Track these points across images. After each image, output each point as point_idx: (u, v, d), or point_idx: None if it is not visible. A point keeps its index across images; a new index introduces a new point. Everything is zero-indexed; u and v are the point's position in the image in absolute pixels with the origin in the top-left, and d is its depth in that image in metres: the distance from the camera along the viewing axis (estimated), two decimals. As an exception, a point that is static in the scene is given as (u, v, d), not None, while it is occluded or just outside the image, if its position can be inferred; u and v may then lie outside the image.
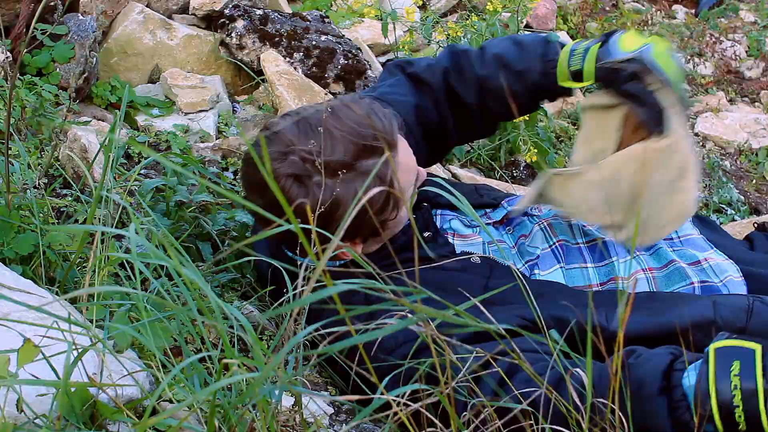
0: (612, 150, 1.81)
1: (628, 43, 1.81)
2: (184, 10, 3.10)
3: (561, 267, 1.83)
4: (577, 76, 1.86)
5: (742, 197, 3.25)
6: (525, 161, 2.94)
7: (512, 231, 1.91)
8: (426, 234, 1.80)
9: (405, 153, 1.71)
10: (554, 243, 1.86)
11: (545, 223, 1.90)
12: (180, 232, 1.99)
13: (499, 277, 1.69)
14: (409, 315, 1.16)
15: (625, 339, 1.47)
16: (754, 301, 1.66)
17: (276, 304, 1.57)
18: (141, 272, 1.26)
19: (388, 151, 1.63)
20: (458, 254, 1.76)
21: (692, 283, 1.79)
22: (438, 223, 1.87)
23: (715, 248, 1.90)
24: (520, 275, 1.52)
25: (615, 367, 1.09)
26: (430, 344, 1.06)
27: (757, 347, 1.30)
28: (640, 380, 1.36)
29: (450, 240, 1.83)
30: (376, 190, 1.14)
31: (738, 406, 1.27)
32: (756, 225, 2.46)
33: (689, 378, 1.33)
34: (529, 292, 1.35)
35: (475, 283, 1.66)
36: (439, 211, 1.90)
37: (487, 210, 1.97)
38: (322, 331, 1.20)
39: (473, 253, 1.77)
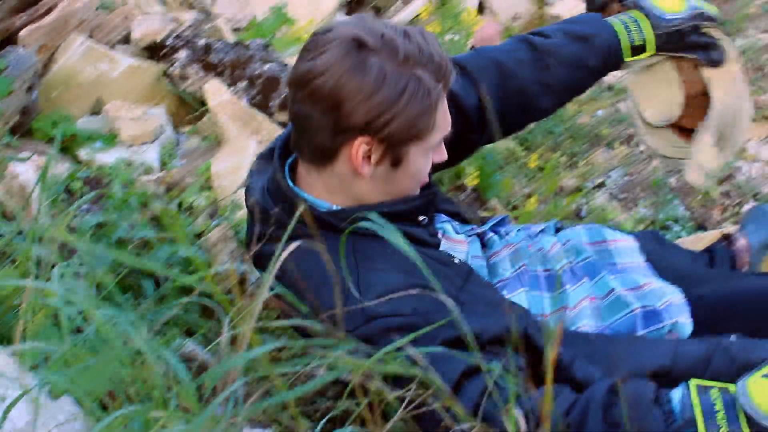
0: (680, 95, 2.05)
1: (668, 5, 1.99)
2: (127, 40, 3.08)
3: (525, 291, 1.85)
4: (637, 49, 1.99)
5: (688, 213, 3.28)
6: (471, 185, 2.95)
7: (485, 249, 1.92)
8: (421, 218, 1.79)
9: (446, 106, 1.68)
10: (519, 267, 1.88)
11: (513, 248, 1.91)
12: (122, 268, 1.97)
13: (474, 284, 1.69)
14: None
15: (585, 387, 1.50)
16: (714, 351, 1.66)
17: (214, 343, 1.55)
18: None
19: (444, 83, 1.61)
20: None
21: (634, 310, 1.80)
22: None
23: (658, 276, 1.92)
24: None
25: (546, 407, 1.09)
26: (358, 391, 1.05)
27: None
28: (637, 393, 1.42)
29: (439, 236, 1.83)
30: None
31: (719, 411, 1.36)
32: (723, 235, 2.48)
33: (675, 393, 1.42)
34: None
35: (452, 282, 1.65)
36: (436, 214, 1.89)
37: (474, 226, 1.98)
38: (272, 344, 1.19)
39: (455, 257, 1.78)
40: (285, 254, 1.20)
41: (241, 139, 2.60)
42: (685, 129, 2.12)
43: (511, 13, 4.76)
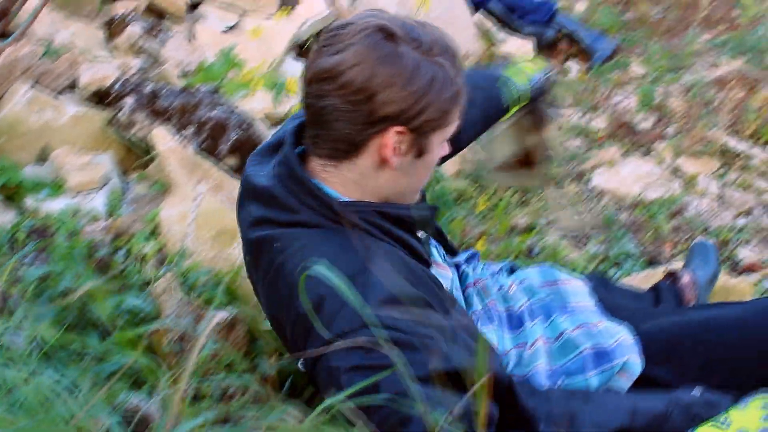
0: (522, 143, 2.43)
1: (531, 69, 2.30)
2: (73, 87, 3.05)
3: (494, 327, 1.87)
4: (516, 100, 2.27)
5: (639, 249, 3.30)
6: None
7: (460, 281, 1.93)
8: (421, 234, 1.78)
9: None
10: (487, 304, 1.90)
11: (481, 284, 1.93)
12: (66, 320, 1.94)
13: (458, 312, 1.69)
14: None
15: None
16: (674, 408, 1.66)
17: (154, 400, 1.52)
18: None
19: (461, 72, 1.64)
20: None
21: (584, 350, 1.81)
22: None
23: (608, 317, 1.93)
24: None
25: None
26: None
27: None
28: None
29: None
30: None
31: None
32: (666, 272, 2.51)
33: None
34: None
35: (441, 306, 1.64)
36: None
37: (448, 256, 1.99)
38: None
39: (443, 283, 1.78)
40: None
41: (189, 185, 2.58)
42: (520, 163, 2.51)
43: (462, 52, 4.79)
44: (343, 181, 1.63)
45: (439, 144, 1.65)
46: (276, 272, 1.58)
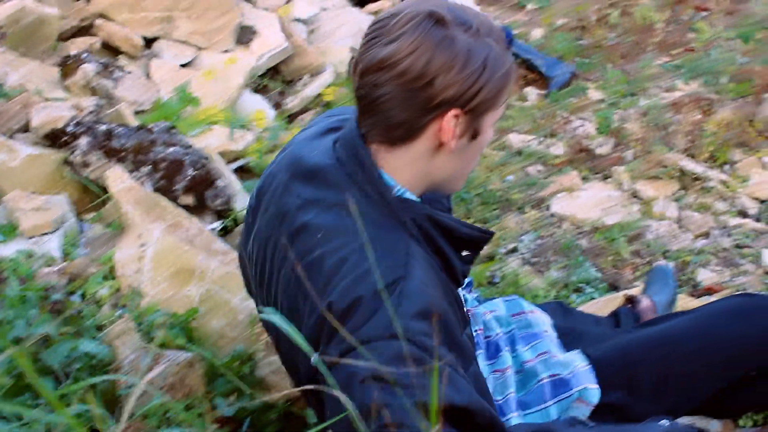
0: None
1: None
2: (26, 129, 3.02)
3: (482, 353, 1.89)
4: None
5: (600, 274, 3.31)
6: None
7: None
8: (465, 254, 1.76)
9: None
10: (476, 331, 1.92)
11: (472, 311, 1.94)
12: (19, 368, 1.90)
13: (466, 336, 1.68)
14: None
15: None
16: None
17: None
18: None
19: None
20: None
21: (542, 379, 1.82)
22: None
23: (566, 349, 1.94)
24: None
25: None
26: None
27: None
28: None
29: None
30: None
31: None
32: (626, 297, 2.53)
33: None
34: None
35: (458, 327, 1.63)
36: None
37: None
38: None
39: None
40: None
41: (145, 225, 2.56)
42: None
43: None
44: (394, 166, 1.62)
45: (490, 125, 1.65)
46: (312, 262, 1.56)
